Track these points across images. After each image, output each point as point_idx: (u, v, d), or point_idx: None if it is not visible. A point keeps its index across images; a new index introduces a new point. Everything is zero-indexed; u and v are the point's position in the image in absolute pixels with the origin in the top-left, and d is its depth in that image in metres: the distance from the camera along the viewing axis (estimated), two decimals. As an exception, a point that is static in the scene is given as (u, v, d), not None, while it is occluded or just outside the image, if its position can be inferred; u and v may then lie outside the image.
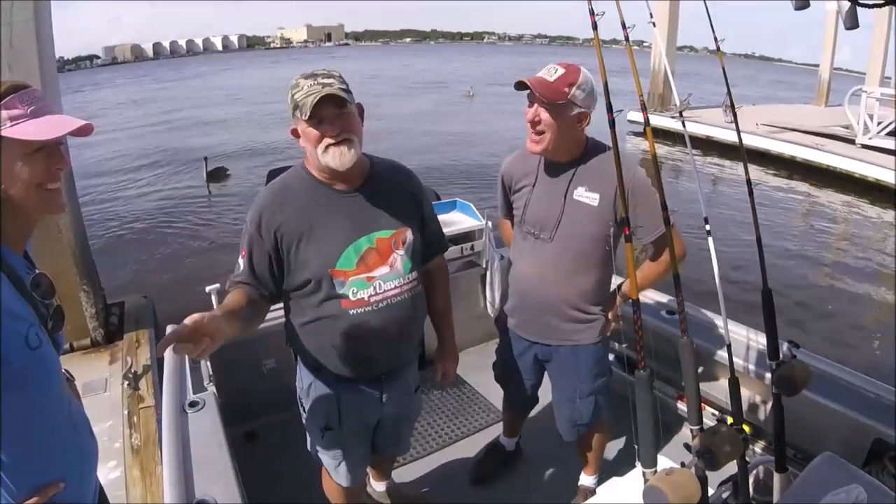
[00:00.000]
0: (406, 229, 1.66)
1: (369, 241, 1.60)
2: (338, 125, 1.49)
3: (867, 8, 1.79)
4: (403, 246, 1.65)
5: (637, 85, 1.71)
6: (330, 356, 1.65)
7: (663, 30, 16.47)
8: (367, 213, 1.62)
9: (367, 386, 1.73)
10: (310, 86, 1.47)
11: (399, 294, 1.65)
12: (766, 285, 1.79)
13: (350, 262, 1.58)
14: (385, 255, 1.62)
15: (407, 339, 1.75)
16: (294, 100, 1.48)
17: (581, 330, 2.01)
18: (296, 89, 1.48)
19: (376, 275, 1.61)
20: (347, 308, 1.59)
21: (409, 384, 1.88)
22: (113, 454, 2.59)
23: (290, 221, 1.57)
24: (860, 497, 1.28)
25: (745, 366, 2.35)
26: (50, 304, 1.11)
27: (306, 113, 1.45)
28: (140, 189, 11.32)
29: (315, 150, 1.51)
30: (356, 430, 1.81)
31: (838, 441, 1.99)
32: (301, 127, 1.53)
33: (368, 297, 1.60)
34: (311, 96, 1.44)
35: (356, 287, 1.59)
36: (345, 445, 1.82)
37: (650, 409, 1.38)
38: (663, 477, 1.21)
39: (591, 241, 1.90)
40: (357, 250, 1.58)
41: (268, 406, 2.72)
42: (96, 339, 3.53)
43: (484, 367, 2.53)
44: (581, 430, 2.17)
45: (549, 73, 1.81)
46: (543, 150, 1.87)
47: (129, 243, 8.16)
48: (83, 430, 1.16)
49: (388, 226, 1.63)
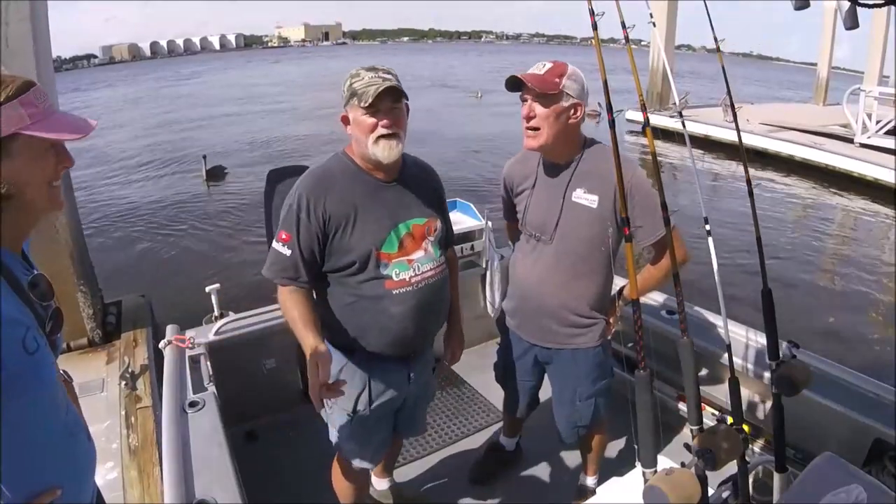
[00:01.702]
0: (436, 219, 1.79)
1: (406, 228, 1.71)
2: (392, 118, 1.59)
3: (867, 8, 1.78)
4: (435, 233, 1.78)
5: (637, 85, 1.71)
6: (369, 335, 1.73)
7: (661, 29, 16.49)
8: (404, 202, 1.73)
9: (396, 365, 1.82)
10: (371, 77, 1.56)
11: (435, 275, 1.76)
12: (766, 285, 1.79)
13: (393, 246, 1.68)
14: (419, 241, 1.73)
15: (438, 317, 1.88)
16: (352, 88, 1.57)
17: (581, 334, 2.00)
18: (356, 78, 1.57)
19: (415, 258, 1.72)
20: (391, 288, 1.68)
21: (429, 363, 1.99)
22: (110, 455, 2.58)
23: (337, 205, 1.63)
24: (860, 497, 1.28)
25: (745, 366, 2.35)
26: (48, 305, 1.09)
27: (367, 101, 1.53)
28: (138, 187, 11.31)
29: (366, 138, 1.59)
30: (383, 412, 1.87)
31: (838, 441, 1.99)
32: (355, 114, 1.60)
33: (409, 278, 1.70)
34: (374, 87, 1.53)
35: (398, 269, 1.69)
36: (371, 428, 1.87)
37: (650, 409, 1.38)
38: (663, 477, 1.21)
39: (590, 242, 1.89)
40: (397, 235, 1.69)
41: (268, 406, 2.72)
42: (93, 339, 3.52)
43: (484, 367, 2.53)
44: (581, 432, 2.17)
45: (539, 68, 1.82)
46: (541, 146, 1.85)
47: (126, 241, 8.14)
48: (80, 435, 1.14)
49: (421, 214, 1.75)
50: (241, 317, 2.71)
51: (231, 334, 2.60)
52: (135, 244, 8.04)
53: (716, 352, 2.42)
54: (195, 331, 2.55)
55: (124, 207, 9.79)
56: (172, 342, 2.39)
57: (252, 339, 2.64)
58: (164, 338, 2.42)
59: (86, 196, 9.83)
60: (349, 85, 1.58)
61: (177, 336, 2.43)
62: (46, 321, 1.07)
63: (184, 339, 2.42)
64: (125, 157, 14.12)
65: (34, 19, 2.93)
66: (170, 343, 2.39)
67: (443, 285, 1.82)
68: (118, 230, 8.59)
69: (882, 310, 6.09)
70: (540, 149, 1.88)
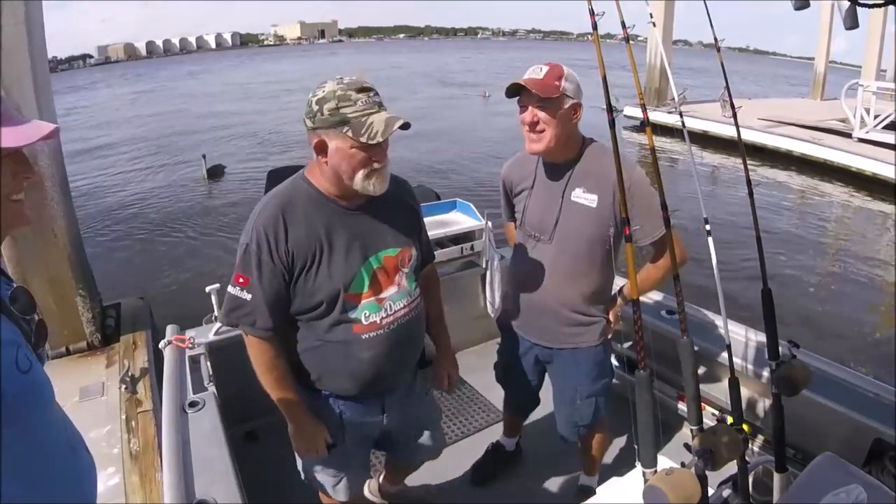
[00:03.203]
0: (411, 247, 1.61)
1: (378, 261, 1.53)
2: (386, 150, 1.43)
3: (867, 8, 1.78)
4: (409, 263, 1.60)
5: (636, 83, 1.71)
6: (335, 378, 1.60)
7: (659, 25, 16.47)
8: (374, 231, 1.54)
9: (368, 399, 1.68)
10: (366, 102, 1.36)
11: (407, 313, 1.61)
12: (766, 285, 1.79)
13: (362, 285, 1.51)
14: (392, 274, 1.56)
15: (413, 354, 1.73)
16: (341, 114, 1.35)
17: (581, 333, 2.00)
18: (345, 102, 1.35)
19: (386, 296, 1.55)
20: (360, 332, 1.53)
21: (413, 391, 1.82)
22: (111, 460, 2.55)
23: (301, 240, 1.45)
24: (860, 497, 1.28)
25: (745, 366, 2.35)
26: (31, 319, 1.01)
27: (375, 138, 1.34)
28: (136, 187, 11.27)
29: (355, 174, 1.41)
30: (358, 443, 1.77)
31: (838, 441, 1.99)
32: (342, 145, 1.38)
33: (381, 321, 1.54)
34: (378, 120, 1.35)
35: (368, 310, 1.52)
36: (346, 461, 1.77)
37: (650, 409, 1.38)
38: (663, 477, 1.22)
39: (590, 242, 1.89)
40: (368, 271, 1.51)
41: (268, 406, 2.69)
42: (92, 343, 3.49)
43: (484, 367, 2.53)
44: (581, 431, 2.18)
45: (536, 72, 1.80)
46: (546, 149, 1.84)
47: (125, 242, 8.12)
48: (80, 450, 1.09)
49: (395, 243, 1.57)
50: (241, 317, 2.70)
51: (231, 334, 2.59)
52: (134, 245, 8.03)
53: (716, 352, 2.42)
54: (195, 331, 2.54)
55: (123, 208, 9.77)
56: (172, 342, 2.38)
57: None
58: (164, 338, 2.42)
59: (84, 198, 9.80)
60: (335, 108, 1.34)
61: (177, 336, 2.42)
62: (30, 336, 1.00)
63: (184, 339, 2.41)
64: (123, 158, 14.11)
65: (29, 20, 2.91)
66: (170, 343, 2.38)
67: (418, 318, 1.67)
68: (117, 231, 8.57)
69: (882, 308, 6.10)
70: (544, 152, 1.87)
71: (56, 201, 3.23)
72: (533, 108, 1.79)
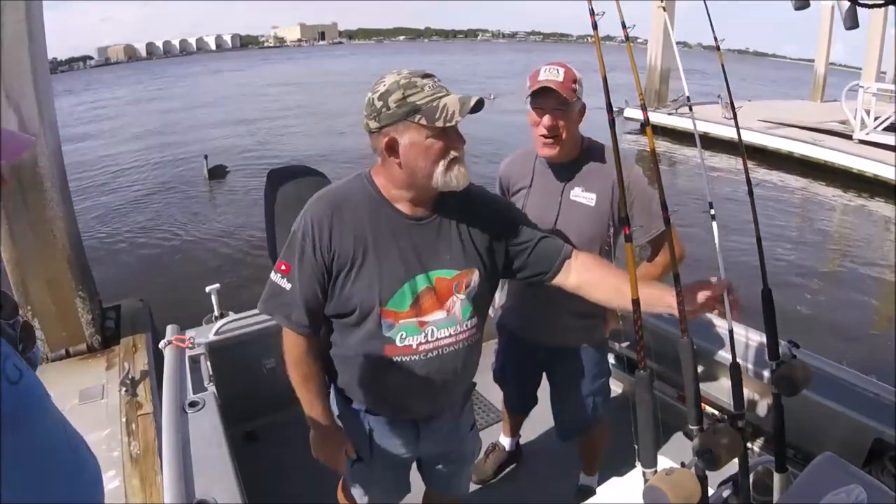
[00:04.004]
0: (473, 270, 1.43)
1: (428, 281, 1.38)
2: (462, 137, 1.32)
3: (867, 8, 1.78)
4: (466, 290, 1.42)
5: (637, 84, 1.71)
6: (365, 393, 1.51)
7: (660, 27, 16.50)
8: (432, 247, 1.39)
9: (402, 423, 1.57)
10: (433, 86, 1.27)
11: (453, 343, 1.43)
12: (766, 285, 1.79)
13: (403, 303, 1.36)
14: (443, 299, 1.40)
15: (452, 392, 1.55)
16: (410, 102, 1.25)
17: (580, 332, 2.01)
18: (412, 90, 1.25)
19: (430, 320, 1.39)
20: (391, 355, 1.39)
21: (456, 424, 1.67)
22: (112, 463, 2.55)
23: (346, 239, 1.35)
24: (860, 497, 1.28)
25: (745, 366, 2.35)
26: (16, 322, 0.99)
27: (452, 120, 1.24)
28: (137, 188, 11.26)
29: (435, 166, 1.29)
30: (387, 466, 1.63)
31: (838, 441, 1.99)
32: (417, 137, 1.27)
33: (417, 346, 1.39)
34: (451, 101, 1.25)
35: (405, 332, 1.38)
36: (376, 479, 1.66)
37: (650, 409, 1.37)
38: (663, 477, 1.21)
39: (590, 241, 1.89)
40: (413, 290, 1.36)
41: (268, 406, 2.72)
42: (92, 345, 3.49)
43: (484, 368, 2.52)
44: (581, 431, 2.18)
45: (553, 74, 1.78)
46: (559, 153, 1.85)
47: (126, 243, 8.12)
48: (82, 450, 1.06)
49: (453, 265, 1.40)
50: (241, 317, 2.70)
51: (231, 334, 2.60)
52: (134, 246, 8.02)
53: (716, 352, 2.42)
54: (195, 331, 2.55)
55: (123, 209, 9.77)
56: (172, 342, 2.39)
57: (252, 339, 2.63)
58: (164, 338, 2.42)
59: (84, 199, 9.81)
60: (402, 98, 1.25)
61: (177, 336, 2.42)
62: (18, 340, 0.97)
63: (184, 339, 2.41)
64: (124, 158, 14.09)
65: (29, 20, 2.92)
66: (170, 343, 2.38)
67: (466, 354, 1.47)
68: (117, 232, 8.56)
69: (882, 308, 6.09)
70: (557, 156, 1.88)
71: (55, 202, 3.23)
72: (552, 114, 1.79)
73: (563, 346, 2.05)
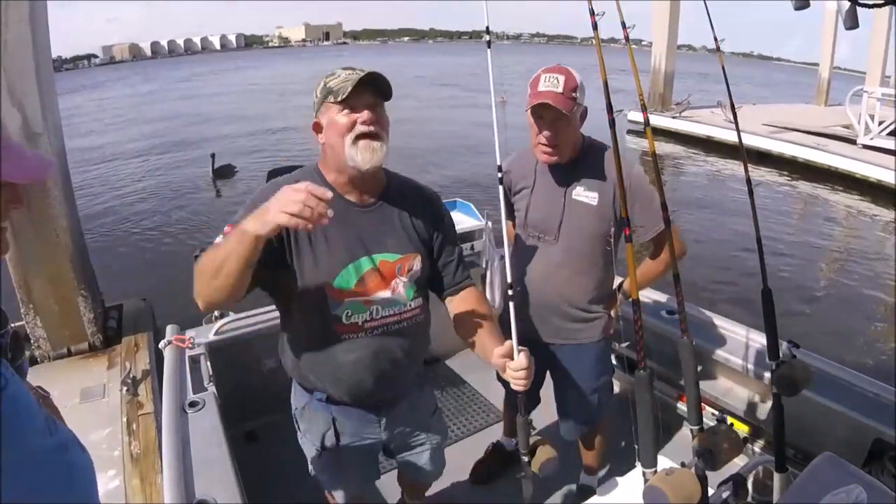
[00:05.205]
0: (415, 255, 1.51)
1: (372, 262, 1.45)
2: (374, 114, 1.37)
3: (867, 8, 1.78)
4: (408, 273, 1.50)
5: (637, 86, 1.71)
6: (325, 380, 1.55)
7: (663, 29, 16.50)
8: (376, 232, 1.47)
9: (364, 410, 1.61)
10: (348, 74, 1.36)
11: (398, 322, 1.51)
12: (766, 285, 1.79)
13: (348, 282, 1.43)
14: (388, 279, 1.47)
15: (404, 370, 1.59)
16: (327, 86, 1.37)
17: (584, 328, 2.02)
18: (330, 77, 1.38)
19: (374, 299, 1.46)
20: (340, 332, 1.46)
21: (416, 409, 1.75)
22: (112, 463, 2.55)
23: None
24: (860, 497, 1.28)
25: (745, 366, 2.35)
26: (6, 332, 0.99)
27: (343, 94, 1.33)
28: (142, 188, 11.22)
29: (343, 139, 1.36)
30: (357, 449, 1.68)
31: (838, 441, 1.99)
32: (329, 115, 1.38)
33: (363, 323, 1.46)
34: (350, 82, 1.33)
35: (350, 310, 1.44)
36: (344, 466, 1.70)
37: (650, 409, 1.38)
38: (663, 477, 1.22)
39: (593, 239, 1.91)
40: (358, 270, 1.44)
41: (268, 406, 2.72)
42: (94, 344, 3.50)
43: (484, 367, 2.51)
44: (583, 430, 2.18)
45: (553, 83, 1.78)
46: (558, 158, 1.87)
47: (129, 242, 8.11)
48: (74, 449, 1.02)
49: (396, 249, 1.48)
50: (241, 317, 2.71)
51: (231, 334, 2.61)
52: (137, 245, 8.01)
53: (716, 352, 2.42)
54: (195, 331, 2.55)
55: (127, 208, 9.74)
56: (172, 342, 2.39)
57: (252, 339, 2.64)
58: (164, 338, 2.42)
59: (87, 198, 9.82)
60: (323, 85, 1.38)
61: (177, 336, 2.43)
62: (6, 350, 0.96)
63: (184, 339, 2.42)
64: (128, 157, 14.09)
65: (33, 20, 2.93)
66: (170, 343, 2.39)
67: (413, 332, 1.55)
68: (121, 231, 8.56)
69: (883, 310, 6.08)
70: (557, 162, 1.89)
71: (58, 201, 3.24)
72: (552, 127, 1.80)
73: (566, 345, 2.05)
